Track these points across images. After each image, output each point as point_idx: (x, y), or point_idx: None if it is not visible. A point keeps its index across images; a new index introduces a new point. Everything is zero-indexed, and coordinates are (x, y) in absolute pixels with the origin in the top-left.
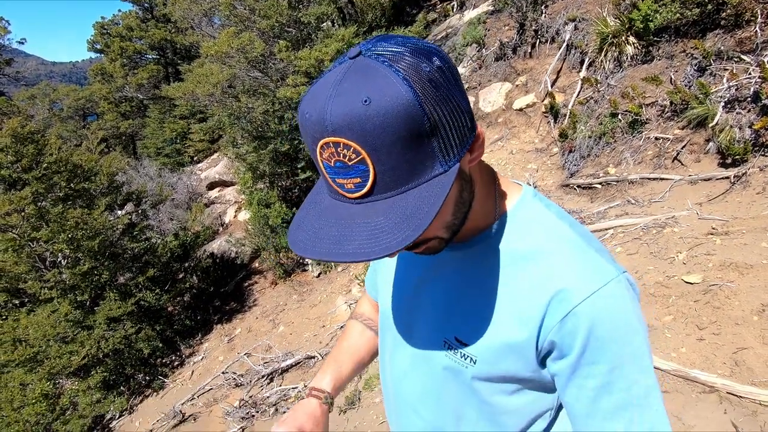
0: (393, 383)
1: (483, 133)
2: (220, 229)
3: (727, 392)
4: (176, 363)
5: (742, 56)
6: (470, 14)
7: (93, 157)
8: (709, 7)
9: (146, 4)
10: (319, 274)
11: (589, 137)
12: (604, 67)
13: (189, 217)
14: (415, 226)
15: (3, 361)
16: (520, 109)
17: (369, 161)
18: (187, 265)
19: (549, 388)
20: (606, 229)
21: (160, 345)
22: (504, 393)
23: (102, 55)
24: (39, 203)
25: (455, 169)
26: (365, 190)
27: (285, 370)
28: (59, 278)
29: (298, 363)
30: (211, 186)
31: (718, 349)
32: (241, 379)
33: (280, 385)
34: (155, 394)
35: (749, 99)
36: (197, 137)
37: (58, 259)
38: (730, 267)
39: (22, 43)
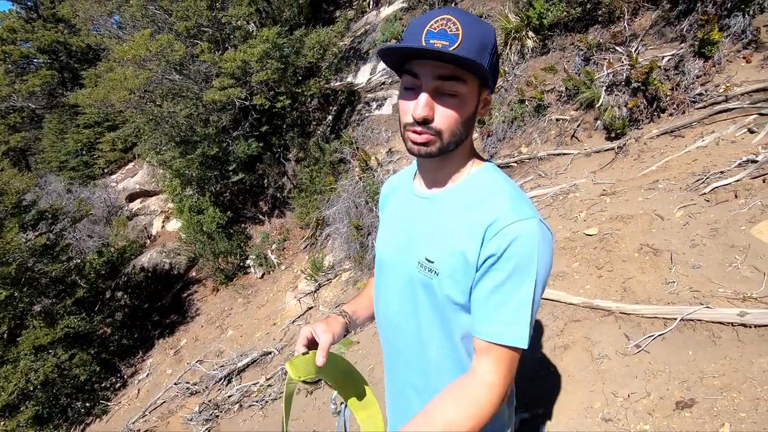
0: (385, 313)
1: (491, 103)
2: (147, 241)
3: (620, 312)
4: (118, 385)
5: (616, 47)
6: (386, 11)
7: None
8: (588, 6)
9: (29, 3)
10: (263, 275)
11: (503, 122)
12: (510, 59)
13: (111, 233)
14: (466, 56)
15: None
16: None
17: (461, 36)
18: (115, 282)
19: None
20: None
21: (98, 369)
22: (459, 304)
23: None
24: None
25: (490, 79)
26: (449, 49)
27: (242, 370)
28: None
29: (255, 361)
30: (132, 197)
31: (611, 282)
32: (196, 386)
33: (240, 384)
34: (98, 419)
35: (623, 83)
36: (108, 147)
37: None
38: (617, 219)
39: None
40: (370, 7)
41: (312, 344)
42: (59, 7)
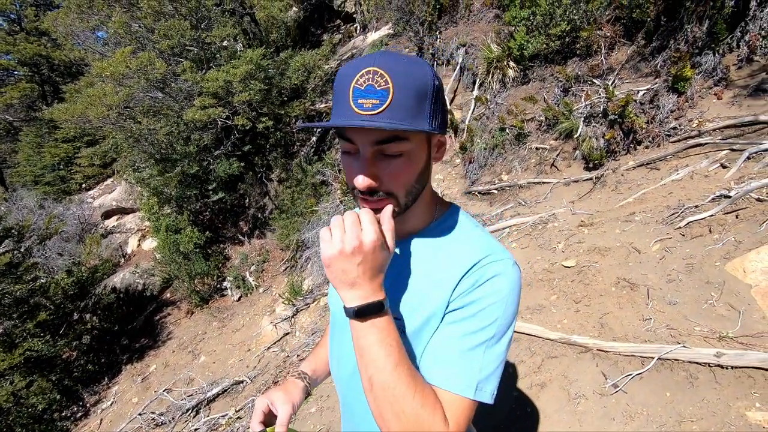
0: (342, 373)
1: (447, 144)
2: (122, 260)
3: (597, 349)
4: (79, 414)
5: (594, 80)
6: (373, 36)
7: None
8: (567, 39)
9: (12, 15)
10: (240, 297)
11: (485, 149)
12: (492, 88)
13: (83, 251)
14: (406, 126)
15: None
16: None
17: (391, 90)
18: (84, 304)
19: None
20: (503, 228)
21: (58, 397)
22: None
23: None
24: None
25: (434, 132)
26: (378, 110)
27: (211, 400)
28: None
29: (226, 390)
30: (108, 215)
31: (589, 317)
32: (162, 417)
33: (208, 416)
34: None
35: (600, 115)
36: (86, 162)
37: None
38: (595, 251)
39: None
40: (357, 32)
41: (269, 417)
42: (43, 20)
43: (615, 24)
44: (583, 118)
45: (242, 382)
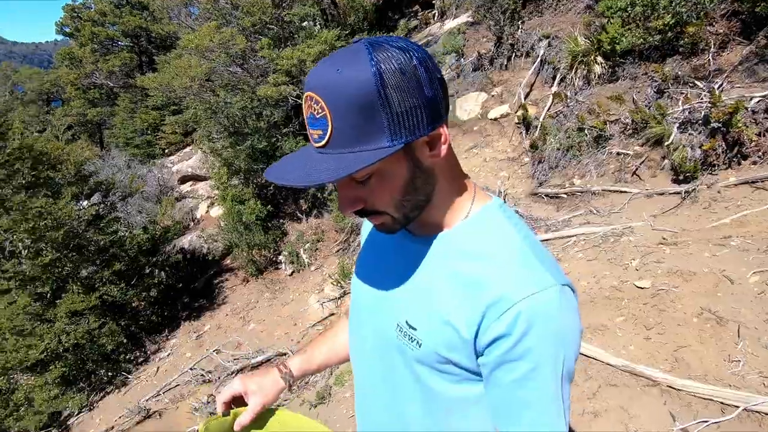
0: (358, 365)
1: (447, 136)
2: (191, 224)
3: (667, 386)
4: (141, 359)
5: (696, 82)
6: (450, 24)
7: (59, 145)
8: (669, 34)
9: None
10: (293, 273)
11: (558, 149)
12: (573, 84)
13: (159, 211)
14: (338, 173)
15: None
16: (495, 119)
17: (329, 117)
18: (155, 259)
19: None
20: (569, 237)
21: (125, 340)
22: (448, 380)
23: (69, 38)
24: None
25: (398, 148)
26: (323, 142)
27: (255, 367)
28: (18, 269)
29: (269, 360)
30: (183, 180)
31: (661, 347)
32: (210, 375)
33: None
34: (117, 390)
35: (700, 122)
36: (170, 129)
37: (18, 249)
38: (676, 274)
39: None
40: (435, 18)
41: (239, 402)
42: None
43: (731, 19)
44: (677, 124)
45: (285, 354)
